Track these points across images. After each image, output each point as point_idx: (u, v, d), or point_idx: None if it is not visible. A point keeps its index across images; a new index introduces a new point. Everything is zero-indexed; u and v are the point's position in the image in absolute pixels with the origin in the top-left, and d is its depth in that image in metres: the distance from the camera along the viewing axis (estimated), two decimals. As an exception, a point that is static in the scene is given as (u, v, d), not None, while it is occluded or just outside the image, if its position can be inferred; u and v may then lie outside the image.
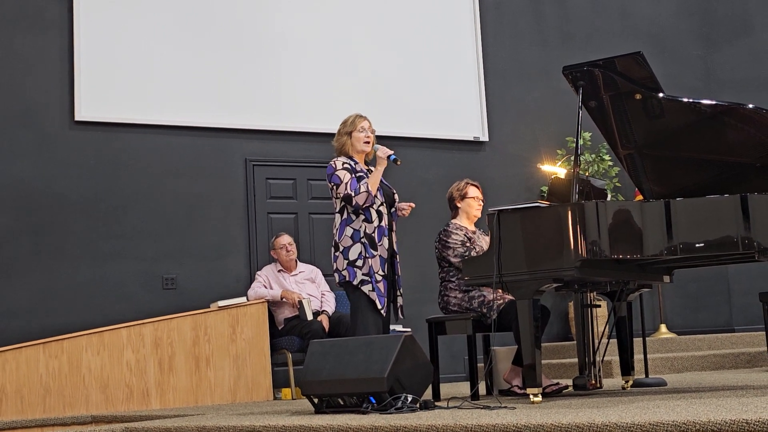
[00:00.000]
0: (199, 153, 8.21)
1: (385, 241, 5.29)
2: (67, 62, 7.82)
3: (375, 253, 5.22)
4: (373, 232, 5.24)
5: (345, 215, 5.29)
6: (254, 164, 8.38)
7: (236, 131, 8.35)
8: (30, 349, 6.25)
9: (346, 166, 5.30)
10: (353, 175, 5.26)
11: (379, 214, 5.29)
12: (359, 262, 5.19)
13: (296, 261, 7.56)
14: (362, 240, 5.22)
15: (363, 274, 5.18)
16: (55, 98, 7.77)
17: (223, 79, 8.33)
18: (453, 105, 9.26)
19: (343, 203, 5.28)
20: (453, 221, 5.90)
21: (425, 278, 7.91)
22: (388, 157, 5.29)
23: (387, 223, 5.33)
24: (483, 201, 5.98)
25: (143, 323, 6.60)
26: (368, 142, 5.40)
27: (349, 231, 5.25)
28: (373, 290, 5.17)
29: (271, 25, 8.60)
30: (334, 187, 5.29)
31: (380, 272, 5.22)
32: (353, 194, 5.20)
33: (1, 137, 7.56)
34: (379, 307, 5.18)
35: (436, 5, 9.37)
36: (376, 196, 5.26)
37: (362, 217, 5.25)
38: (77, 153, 7.78)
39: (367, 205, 5.23)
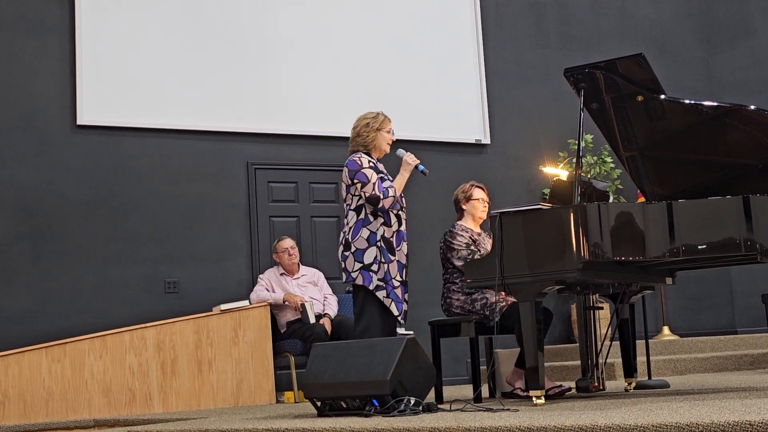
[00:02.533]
0: (201, 156, 8.21)
1: (404, 246, 5.26)
2: (68, 66, 7.83)
3: (392, 258, 5.18)
4: (392, 236, 5.20)
5: (362, 215, 5.22)
6: (256, 167, 8.38)
7: (238, 135, 8.35)
8: (32, 353, 6.25)
9: (371, 164, 5.26)
10: (378, 176, 5.24)
11: (399, 218, 5.26)
12: (374, 267, 5.14)
13: (298, 264, 7.56)
14: (378, 243, 5.17)
15: (379, 279, 5.14)
16: (57, 102, 7.77)
17: (224, 83, 8.33)
18: (454, 107, 9.26)
19: (360, 201, 5.22)
20: (458, 222, 5.90)
21: (428, 281, 7.90)
22: (416, 166, 5.29)
23: (405, 228, 5.31)
24: (489, 203, 5.98)
25: (145, 327, 6.59)
26: (389, 144, 5.43)
27: (365, 232, 5.20)
28: (388, 296, 5.14)
29: (272, 29, 8.60)
30: (359, 184, 5.20)
31: (398, 278, 5.18)
32: (382, 197, 5.16)
33: (3, 141, 7.57)
34: (396, 313, 5.15)
35: (437, 8, 9.37)
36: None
37: (381, 220, 5.20)
38: (79, 157, 7.78)
39: (391, 209, 5.21)
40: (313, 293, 7.41)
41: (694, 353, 8.02)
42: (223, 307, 6.90)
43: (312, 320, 7.00)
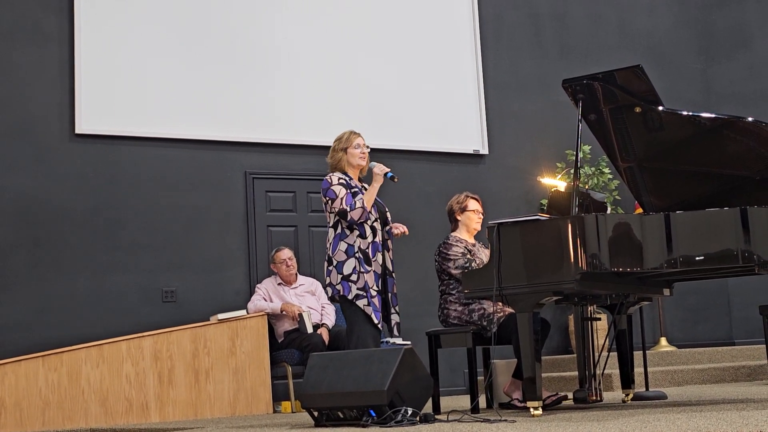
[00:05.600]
0: (199, 166, 8.21)
1: (379, 256, 5.32)
2: (67, 75, 7.83)
3: (369, 268, 5.24)
4: (367, 247, 5.26)
5: (339, 230, 5.32)
6: (254, 177, 8.38)
7: (236, 144, 8.35)
8: (29, 362, 6.24)
9: (341, 181, 5.33)
10: (348, 191, 5.28)
11: (373, 230, 5.32)
12: (354, 277, 5.21)
13: (296, 274, 7.56)
14: (357, 255, 5.24)
15: (358, 289, 5.20)
16: (55, 111, 7.77)
17: (223, 92, 8.33)
18: (452, 118, 9.27)
19: (337, 218, 5.31)
20: (453, 234, 5.90)
21: (425, 291, 7.90)
22: (385, 174, 5.32)
23: (381, 240, 5.35)
24: (483, 214, 5.98)
25: (143, 336, 6.58)
26: (363, 159, 5.45)
27: (343, 246, 5.27)
28: (369, 305, 5.19)
29: (270, 39, 8.62)
30: (329, 201, 5.31)
31: (375, 287, 5.24)
32: (349, 209, 5.23)
33: (1, 149, 7.56)
34: (376, 321, 5.20)
35: (436, 18, 9.38)
36: (370, 212, 5.28)
37: (356, 232, 5.28)
38: (77, 165, 7.78)
39: (362, 220, 5.26)
40: (311, 303, 7.41)
41: (692, 364, 8.01)
42: (221, 316, 6.89)
43: (310, 330, 7.00)
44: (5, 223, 7.48)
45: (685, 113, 5.04)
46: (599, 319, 5.73)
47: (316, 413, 4.72)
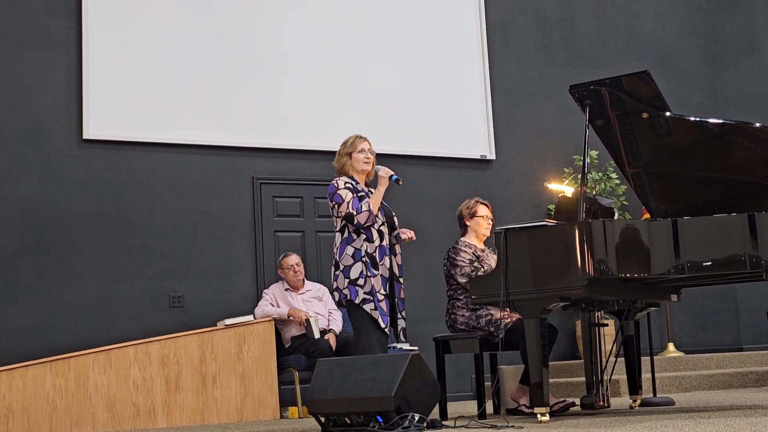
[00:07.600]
0: (207, 171, 8.22)
1: (387, 260, 5.31)
2: (75, 80, 7.84)
3: (376, 272, 5.23)
4: (374, 251, 5.26)
5: (346, 234, 5.32)
6: (261, 182, 8.39)
7: (243, 149, 8.36)
8: (37, 367, 6.25)
9: (348, 185, 5.34)
10: (355, 195, 5.29)
11: (380, 233, 5.32)
12: (360, 281, 5.21)
13: (303, 279, 7.56)
14: (363, 259, 5.23)
15: (365, 293, 5.19)
16: (63, 117, 7.79)
17: (230, 98, 8.35)
18: (460, 123, 9.27)
19: (343, 222, 5.31)
20: (462, 239, 5.90)
21: (432, 296, 7.90)
22: (390, 177, 5.32)
23: (388, 243, 5.35)
24: (492, 220, 5.98)
25: (150, 341, 6.59)
26: (368, 163, 5.44)
27: (350, 250, 5.27)
28: (376, 309, 5.18)
29: (278, 44, 8.63)
30: (336, 206, 5.32)
31: (382, 291, 5.23)
32: (355, 213, 5.23)
33: (9, 155, 7.59)
34: (383, 325, 5.19)
35: (443, 24, 9.39)
36: (377, 215, 5.29)
37: (363, 236, 5.27)
38: (84, 171, 7.79)
39: (369, 224, 5.26)
40: (318, 308, 7.41)
41: (699, 370, 8.00)
42: (228, 321, 6.90)
43: (317, 335, 7.00)
44: (13, 228, 7.50)
45: (692, 119, 5.04)
46: (606, 324, 5.72)
47: (323, 419, 4.73)
